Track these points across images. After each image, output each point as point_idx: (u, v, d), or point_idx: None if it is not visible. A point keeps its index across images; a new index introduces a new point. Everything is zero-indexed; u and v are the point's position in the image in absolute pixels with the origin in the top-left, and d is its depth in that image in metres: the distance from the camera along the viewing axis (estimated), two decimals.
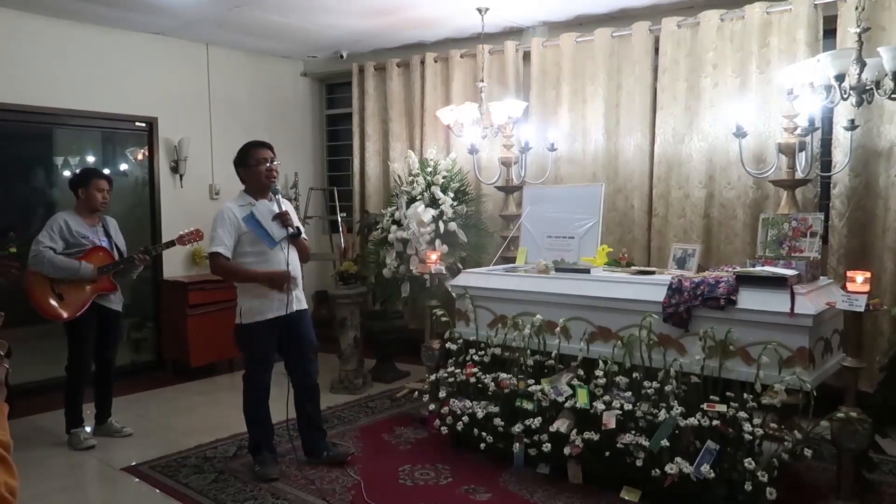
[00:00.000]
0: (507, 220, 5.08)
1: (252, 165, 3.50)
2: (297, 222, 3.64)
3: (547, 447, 3.38)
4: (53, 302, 3.97)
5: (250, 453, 3.66)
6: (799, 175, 3.90)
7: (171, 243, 4.35)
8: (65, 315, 3.99)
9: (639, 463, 3.09)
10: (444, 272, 4.49)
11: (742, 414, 2.95)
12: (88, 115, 5.38)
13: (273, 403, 4.85)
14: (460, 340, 4.04)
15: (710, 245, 4.65)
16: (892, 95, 3.15)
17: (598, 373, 3.40)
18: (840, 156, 4.12)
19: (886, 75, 3.12)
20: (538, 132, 5.05)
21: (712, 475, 2.90)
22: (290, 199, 6.43)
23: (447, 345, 4.07)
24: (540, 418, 3.47)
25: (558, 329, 3.67)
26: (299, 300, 3.61)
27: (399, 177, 5.54)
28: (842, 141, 4.09)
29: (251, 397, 3.61)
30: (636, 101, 4.90)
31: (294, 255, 3.59)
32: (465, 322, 4.14)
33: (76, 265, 3.97)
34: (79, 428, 4.12)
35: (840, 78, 3.22)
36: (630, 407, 3.20)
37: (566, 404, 3.40)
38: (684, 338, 3.32)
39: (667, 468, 2.99)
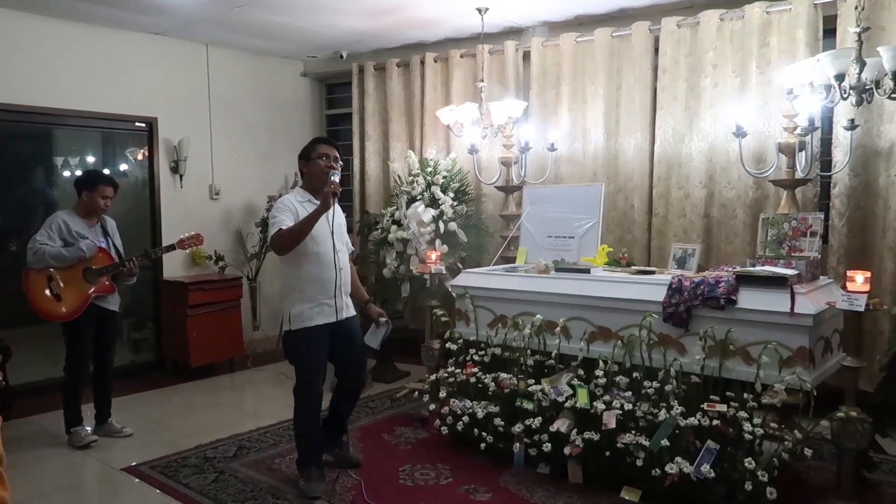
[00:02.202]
0: (507, 220, 5.08)
1: (313, 158, 3.38)
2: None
3: (547, 447, 3.38)
4: (51, 302, 3.97)
5: (297, 467, 3.46)
6: (799, 175, 3.90)
7: (172, 247, 4.33)
8: (63, 315, 3.99)
9: (639, 463, 3.09)
10: (444, 272, 4.49)
11: (742, 414, 2.95)
12: (88, 115, 5.38)
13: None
14: (460, 340, 4.05)
15: (710, 245, 4.65)
16: (892, 95, 3.15)
17: (598, 373, 3.40)
18: (840, 155, 4.12)
19: (886, 75, 3.12)
20: (538, 132, 5.05)
21: (712, 475, 2.90)
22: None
23: (447, 345, 4.07)
24: (540, 418, 3.47)
25: (558, 329, 3.67)
26: (348, 307, 3.46)
27: (399, 177, 5.55)
28: (842, 141, 4.09)
29: (303, 408, 3.38)
30: (636, 101, 4.90)
31: (345, 258, 3.47)
32: (465, 322, 4.14)
33: (79, 248, 3.97)
34: (79, 426, 4.12)
35: (840, 78, 3.22)
36: (630, 407, 3.20)
37: (566, 404, 3.40)
38: (684, 338, 3.32)
39: (667, 468, 2.98)
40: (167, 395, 5.19)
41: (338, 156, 3.42)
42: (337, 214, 3.44)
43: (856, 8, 3.34)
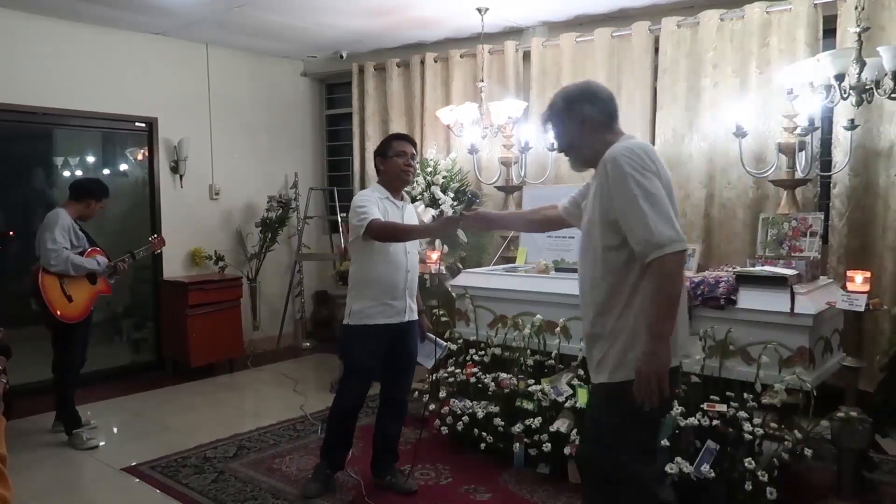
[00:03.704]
0: None
1: (390, 156, 3.26)
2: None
3: (547, 447, 3.38)
4: (66, 304, 4.02)
5: (319, 452, 3.43)
6: (799, 175, 3.90)
7: (148, 248, 4.55)
8: (76, 316, 4.05)
9: None
10: (444, 272, 4.49)
11: (742, 414, 2.95)
12: (88, 115, 5.38)
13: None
14: (460, 340, 4.05)
15: (710, 245, 4.65)
16: (892, 95, 3.15)
17: None
18: (840, 155, 4.12)
19: (886, 75, 3.12)
20: (538, 132, 5.04)
21: (712, 475, 2.90)
22: (290, 199, 6.47)
23: (447, 345, 4.07)
24: (540, 418, 3.47)
25: (558, 329, 3.67)
26: (412, 310, 3.32)
27: None
28: (842, 141, 4.09)
29: (339, 411, 3.31)
30: (636, 101, 4.90)
31: (415, 260, 3.33)
32: (465, 322, 4.14)
33: (95, 262, 4.13)
34: (80, 428, 4.12)
35: (840, 77, 3.22)
36: None
37: (566, 404, 3.40)
38: None
39: (667, 468, 2.98)
40: (167, 395, 5.19)
41: (415, 152, 3.32)
42: (409, 213, 3.38)
43: (856, 8, 3.34)
